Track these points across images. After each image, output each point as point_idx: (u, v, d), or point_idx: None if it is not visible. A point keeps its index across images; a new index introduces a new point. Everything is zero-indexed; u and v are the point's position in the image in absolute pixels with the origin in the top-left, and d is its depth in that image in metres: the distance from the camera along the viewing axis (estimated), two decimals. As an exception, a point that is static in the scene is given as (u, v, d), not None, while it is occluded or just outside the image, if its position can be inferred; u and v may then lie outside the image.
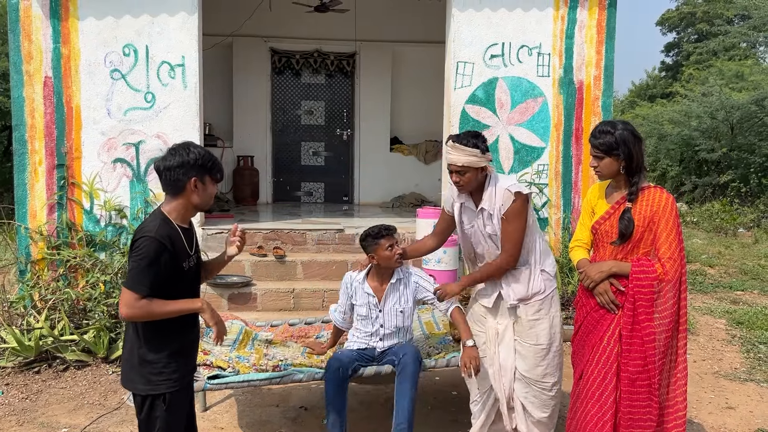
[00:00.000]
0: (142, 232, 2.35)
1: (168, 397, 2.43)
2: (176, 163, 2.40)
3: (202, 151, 2.46)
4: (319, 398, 4.20)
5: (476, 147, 3.05)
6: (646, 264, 2.70)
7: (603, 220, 2.85)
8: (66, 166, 5.76)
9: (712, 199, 14.14)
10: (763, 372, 4.79)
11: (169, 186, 2.43)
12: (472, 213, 3.22)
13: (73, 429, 3.80)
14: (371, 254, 3.50)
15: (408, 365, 3.35)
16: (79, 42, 5.73)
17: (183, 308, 2.40)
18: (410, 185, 9.76)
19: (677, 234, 2.70)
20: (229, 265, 6.06)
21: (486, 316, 3.24)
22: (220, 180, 2.55)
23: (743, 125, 14.57)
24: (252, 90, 9.56)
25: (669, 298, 2.68)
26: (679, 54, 25.95)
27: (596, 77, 6.30)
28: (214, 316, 2.44)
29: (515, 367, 3.18)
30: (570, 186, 6.36)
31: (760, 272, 8.15)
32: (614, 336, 2.77)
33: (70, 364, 4.70)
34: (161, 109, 5.89)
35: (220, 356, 3.68)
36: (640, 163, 2.77)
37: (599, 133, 2.79)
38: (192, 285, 2.55)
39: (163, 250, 2.31)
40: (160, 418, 2.42)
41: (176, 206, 2.45)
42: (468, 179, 3.09)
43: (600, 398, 2.77)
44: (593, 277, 2.79)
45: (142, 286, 2.30)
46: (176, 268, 2.39)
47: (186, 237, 2.47)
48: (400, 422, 3.25)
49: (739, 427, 3.90)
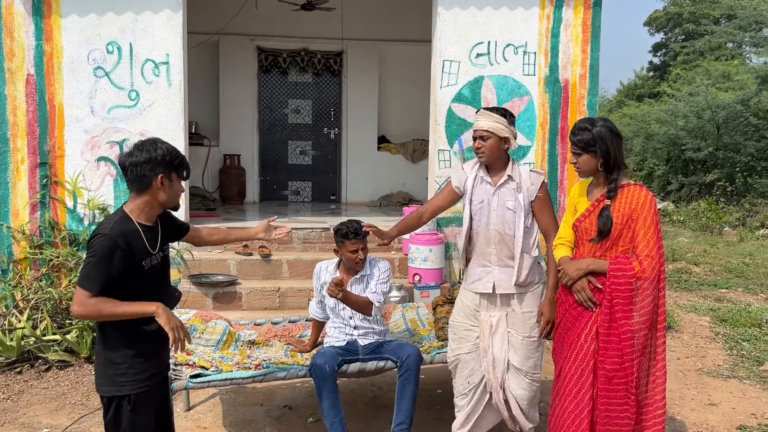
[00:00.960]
0: (98, 230, 2.32)
1: (133, 398, 2.38)
2: (143, 159, 2.35)
3: (169, 147, 2.42)
4: (304, 397, 4.19)
5: (503, 116, 3.11)
6: (623, 262, 2.71)
7: (583, 218, 2.86)
8: (49, 165, 5.71)
9: (698, 198, 14.25)
10: (746, 369, 4.83)
11: (134, 182, 2.38)
12: (487, 188, 3.19)
13: (55, 429, 3.76)
14: (337, 249, 3.61)
15: (412, 366, 3.43)
16: (61, 39, 5.68)
17: (135, 311, 2.32)
18: (398, 184, 9.75)
19: (655, 231, 2.71)
20: (213, 263, 6.04)
21: (479, 309, 3.24)
22: (187, 177, 2.51)
23: (729, 125, 14.69)
24: (238, 89, 9.52)
25: (647, 296, 2.68)
26: (666, 54, 26.11)
27: (581, 76, 6.32)
28: (169, 321, 2.33)
29: (507, 359, 3.20)
30: (556, 185, 6.38)
31: (744, 270, 8.22)
32: (591, 333, 2.78)
33: (53, 364, 4.66)
34: (145, 107, 5.85)
35: (203, 356, 3.66)
36: (618, 160, 2.78)
37: (577, 130, 2.82)
38: (157, 283, 2.48)
39: (116, 248, 2.26)
40: (125, 419, 2.38)
41: (140, 204, 2.40)
42: (490, 146, 3.10)
43: (577, 395, 2.77)
44: (571, 274, 2.80)
45: (93, 284, 2.26)
46: (135, 266, 2.33)
47: (149, 235, 2.41)
48: (401, 422, 3.35)
49: (721, 423, 3.93)
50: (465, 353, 3.27)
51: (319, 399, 3.38)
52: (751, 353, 5.15)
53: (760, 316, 6.03)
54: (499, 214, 3.14)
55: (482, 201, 3.18)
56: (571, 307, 2.86)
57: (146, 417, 2.43)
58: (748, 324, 5.84)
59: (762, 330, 5.70)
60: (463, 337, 3.28)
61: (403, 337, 4.05)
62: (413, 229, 3.56)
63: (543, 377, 4.47)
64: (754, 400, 4.28)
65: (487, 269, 3.19)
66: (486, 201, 3.17)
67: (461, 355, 3.28)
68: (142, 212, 2.41)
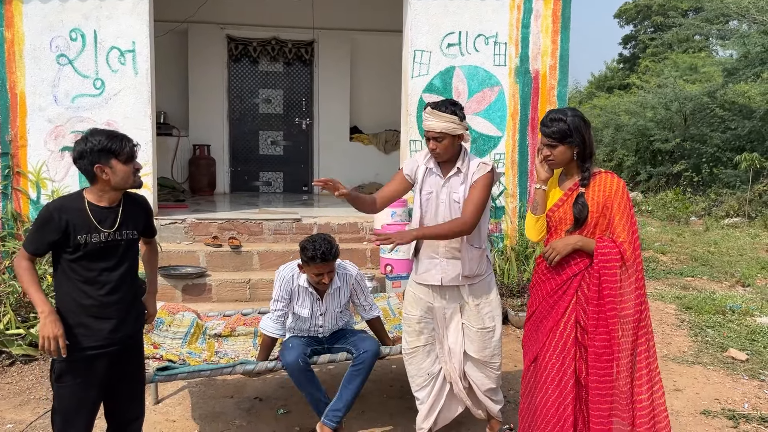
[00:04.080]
0: (46, 203, 2.58)
1: (56, 366, 2.51)
2: (77, 154, 2.52)
3: (101, 137, 2.52)
4: (275, 388, 4.16)
5: (454, 114, 3.06)
6: (608, 240, 2.73)
7: (557, 207, 2.86)
8: (11, 155, 5.57)
9: (665, 188, 14.50)
10: (710, 355, 4.94)
11: (84, 175, 2.57)
12: (437, 180, 3.19)
13: (19, 425, 3.68)
14: (301, 265, 3.41)
15: (366, 361, 3.40)
16: (23, 26, 5.52)
17: (33, 297, 2.47)
18: (370, 175, 9.72)
19: (629, 217, 2.74)
20: (182, 255, 5.97)
21: (432, 302, 3.24)
22: (130, 159, 2.57)
23: (696, 116, 14.96)
24: (208, 78, 9.37)
25: (631, 283, 2.71)
26: (636, 46, 26.43)
27: (551, 67, 6.36)
28: (44, 328, 2.41)
29: (464, 350, 3.23)
30: (526, 175, 6.42)
31: (709, 259, 8.39)
32: (570, 321, 2.79)
33: (17, 359, 4.56)
34: (111, 96, 5.73)
35: (170, 350, 3.61)
36: (591, 148, 2.80)
37: (551, 122, 2.78)
38: (102, 263, 2.55)
39: (50, 219, 2.47)
40: (53, 386, 2.55)
41: (93, 189, 2.58)
42: (445, 146, 3.09)
43: (560, 383, 2.78)
44: (559, 249, 2.79)
45: (29, 245, 2.52)
46: (68, 239, 2.48)
47: (99, 214, 2.54)
48: (338, 408, 3.32)
49: (686, 408, 4.01)
50: (422, 345, 3.29)
51: (302, 390, 3.38)
52: (715, 340, 5.26)
53: (723, 304, 6.16)
54: (446, 205, 3.15)
55: (431, 192, 3.18)
56: (548, 295, 2.87)
57: (71, 390, 2.51)
58: (713, 311, 5.97)
59: (726, 317, 5.83)
60: (418, 330, 3.28)
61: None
62: (365, 209, 3.24)
63: (514, 366, 4.54)
64: (717, 385, 4.37)
65: (435, 261, 3.18)
66: (435, 192, 3.18)
67: (418, 348, 3.29)
68: (95, 196, 2.57)
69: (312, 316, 3.53)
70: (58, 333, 2.42)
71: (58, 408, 2.54)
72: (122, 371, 2.66)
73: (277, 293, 3.48)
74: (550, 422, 2.80)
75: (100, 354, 2.56)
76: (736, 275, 7.46)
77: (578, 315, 2.79)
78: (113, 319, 2.56)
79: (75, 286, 2.52)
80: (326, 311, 3.55)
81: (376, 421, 3.75)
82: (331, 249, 3.28)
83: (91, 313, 2.52)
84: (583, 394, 2.78)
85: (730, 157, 13.15)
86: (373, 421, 3.75)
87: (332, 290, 3.52)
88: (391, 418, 3.77)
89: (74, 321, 2.50)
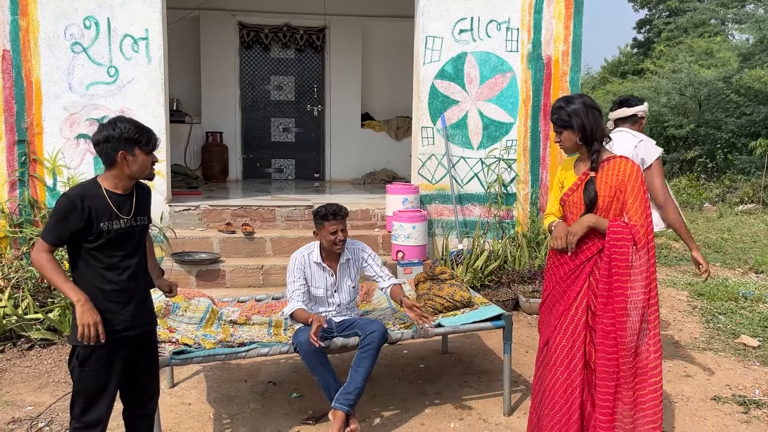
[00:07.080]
0: (64, 192, 2.57)
1: (80, 352, 2.54)
2: (102, 138, 2.53)
3: (128, 125, 2.56)
4: (288, 373, 4.22)
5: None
6: (621, 221, 2.76)
7: (571, 192, 2.89)
8: (27, 142, 5.63)
9: (679, 174, 14.39)
10: (722, 342, 4.94)
11: (102, 159, 2.59)
12: None
13: (39, 407, 3.77)
14: (316, 232, 3.61)
15: (373, 342, 3.43)
16: (38, 14, 5.57)
17: (63, 288, 2.48)
18: (381, 162, 9.74)
19: (643, 201, 2.76)
20: (196, 241, 6.02)
21: None
22: (152, 151, 2.63)
23: (710, 102, 14.80)
24: (220, 65, 9.40)
25: (642, 265, 2.73)
26: (650, 31, 26.09)
27: (564, 52, 6.32)
28: (82, 316, 2.45)
29: None
30: (538, 161, 6.41)
31: (722, 245, 8.35)
32: (582, 306, 2.82)
33: (35, 343, 4.65)
34: (125, 83, 5.77)
35: (186, 334, 3.66)
36: (595, 132, 2.81)
37: (554, 109, 2.88)
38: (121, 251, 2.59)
39: (73, 208, 2.47)
40: (75, 371, 2.57)
41: (109, 176, 2.60)
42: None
43: (569, 366, 2.82)
44: (575, 230, 2.82)
45: (48, 236, 2.50)
46: (92, 226, 2.50)
47: (118, 202, 2.58)
48: (349, 392, 3.35)
49: (696, 394, 4.02)
50: None
51: (313, 373, 3.42)
52: (727, 326, 5.26)
53: (736, 290, 6.14)
54: None
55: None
56: (561, 279, 2.91)
57: (94, 374, 2.55)
58: (725, 298, 5.96)
59: (738, 304, 5.82)
60: None
61: (385, 314, 4.08)
62: None
63: (525, 352, 4.57)
64: (728, 371, 4.38)
65: None
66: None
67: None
68: (110, 183, 2.60)
69: (327, 295, 3.65)
70: (98, 320, 2.47)
71: (80, 391, 2.59)
72: (141, 353, 2.73)
73: (293, 275, 3.62)
74: (557, 404, 2.84)
75: (122, 338, 2.62)
76: (750, 262, 7.43)
77: (589, 299, 2.82)
78: (133, 303, 2.63)
79: (96, 272, 2.55)
80: (339, 288, 3.67)
81: (387, 404, 3.80)
82: (341, 208, 3.56)
83: (113, 298, 2.57)
84: (593, 378, 2.81)
85: (745, 143, 13.03)
86: (384, 404, 3.80)
87: (343, 261, 3.66)
88: (403, 402, 3.82)
89: (98, 307, 2.53)
